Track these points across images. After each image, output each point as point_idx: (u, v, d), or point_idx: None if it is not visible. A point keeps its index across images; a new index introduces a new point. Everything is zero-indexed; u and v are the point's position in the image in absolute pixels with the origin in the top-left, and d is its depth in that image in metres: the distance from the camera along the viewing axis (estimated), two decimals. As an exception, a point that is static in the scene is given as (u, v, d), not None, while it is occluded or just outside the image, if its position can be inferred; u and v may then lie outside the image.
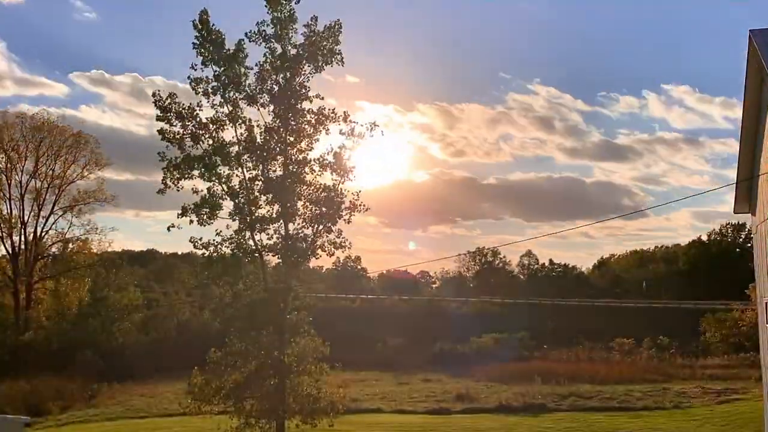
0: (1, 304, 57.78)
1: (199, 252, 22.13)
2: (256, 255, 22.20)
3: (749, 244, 40.29)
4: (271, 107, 22.14)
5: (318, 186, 22.33)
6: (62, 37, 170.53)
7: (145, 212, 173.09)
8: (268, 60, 21.91)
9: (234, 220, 22.00)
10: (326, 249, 22.39)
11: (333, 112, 22.25)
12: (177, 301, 63.06)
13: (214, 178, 21.86)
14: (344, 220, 22.31)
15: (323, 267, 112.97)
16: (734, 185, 22.10)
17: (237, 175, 22.14)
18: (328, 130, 22.36)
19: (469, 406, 34.37)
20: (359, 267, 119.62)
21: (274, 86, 22.01)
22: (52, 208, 59.69)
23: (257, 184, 22.13)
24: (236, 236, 21.92)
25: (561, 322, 67.93)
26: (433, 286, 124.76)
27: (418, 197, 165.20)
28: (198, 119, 21.84)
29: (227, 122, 22.08)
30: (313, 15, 21.91)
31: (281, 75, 21.97)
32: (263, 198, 22.13)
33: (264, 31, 21.83)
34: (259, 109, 22.25)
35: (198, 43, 21.58)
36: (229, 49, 21.66)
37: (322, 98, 22.33)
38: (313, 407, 21.68)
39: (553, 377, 40.32)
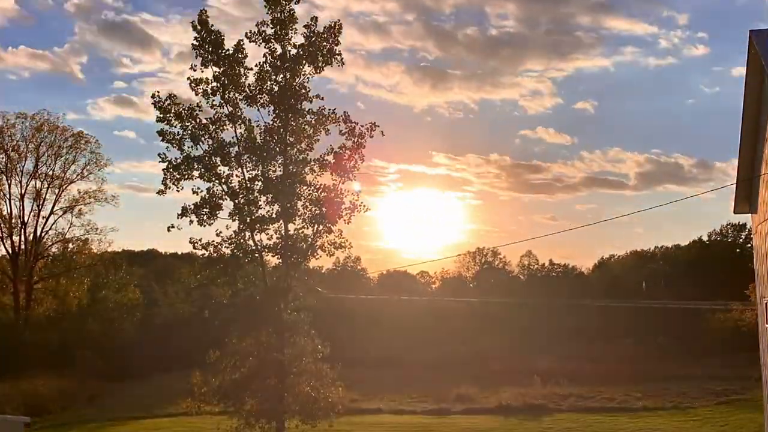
0: (1, 304, 57.69)
1: (199, 252, 22.20)
2: (256, 255, 22.21)
3: (749, 244, 40.26)
4: (271, 107, 22.14)
5: (318, 186, 22.34)
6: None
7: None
8: (268, 60, 21.92)
9: (234, 220, 22.01)
10: (326, 249, 22.41)
11: (333, 113, 22.27)
12: (177, 301, 62.89)
13: (214, 179, 21.88)
14: (344, 220, 22.33)
15: (323, 267, 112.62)
16: (734, 185, 22.09)
17: (237, 176, 22.17)
18: (327, 130, 22.38)
19: (468, 406, 34.38)
20: (359, 267, 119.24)
21: (273, 86, 22.01)
22: (52, 208, 59.47)
23: (257, 185, 22.14)
24: (236, 236, 21.93)
25: (561, 322, 67.87)
26: (433, 286, 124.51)
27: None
28: (198, 120, 21.85)
29: (227, 123, 22.10)
30: (312, 16, 22.03)
31: (281, 75, 21.97)
32: (263, 198, 22.15)
33: (264, 31, 21.85)
34: (258, 110, 22.28)
35: (197, 44, 21.60)
36: (228, 50, 21.67)
37: (322, 98, 22.37)
38: (313, 407, 21.67)
39: (552, 377, 40.29)
